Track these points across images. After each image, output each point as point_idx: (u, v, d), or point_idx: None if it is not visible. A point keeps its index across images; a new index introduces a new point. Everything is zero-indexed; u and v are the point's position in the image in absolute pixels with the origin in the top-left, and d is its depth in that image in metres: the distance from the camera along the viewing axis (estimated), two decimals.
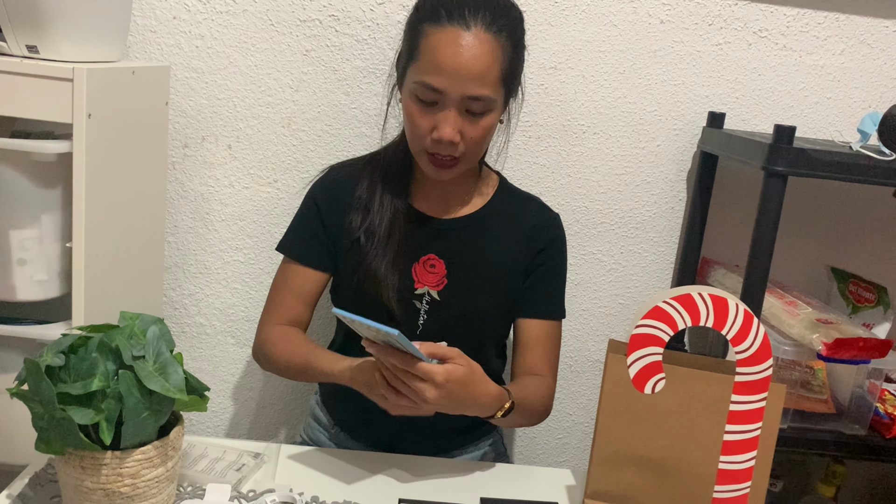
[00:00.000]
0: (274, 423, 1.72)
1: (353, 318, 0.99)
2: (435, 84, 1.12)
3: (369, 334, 1.02)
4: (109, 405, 0.89)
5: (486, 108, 1.15)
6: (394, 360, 1.02)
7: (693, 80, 1.57)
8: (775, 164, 1.25)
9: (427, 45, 1.13)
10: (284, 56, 1.52)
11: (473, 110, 1.14)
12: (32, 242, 1.21)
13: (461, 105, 1.14)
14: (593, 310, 1.68)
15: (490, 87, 1.13)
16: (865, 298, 1.55)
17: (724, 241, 1.65)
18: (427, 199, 1.30)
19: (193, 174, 1.57)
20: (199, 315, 1.65)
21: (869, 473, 1.79)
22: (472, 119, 1.15)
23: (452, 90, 1.12)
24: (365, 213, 1.27)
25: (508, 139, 1.37)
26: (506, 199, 1.34)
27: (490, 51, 1.12)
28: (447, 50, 1.11)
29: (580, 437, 1.76)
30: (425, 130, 1.16)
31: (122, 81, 1.29)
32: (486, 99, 1.13)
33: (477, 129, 1.16)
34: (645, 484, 1.03)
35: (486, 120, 1.16)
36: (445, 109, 1.14)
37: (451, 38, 1.11)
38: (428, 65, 1.13)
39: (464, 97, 1.12)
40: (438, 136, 1.14)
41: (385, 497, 1.09)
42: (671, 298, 0.99)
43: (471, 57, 1.11)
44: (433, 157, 1.18)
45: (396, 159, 1.29)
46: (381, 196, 1.27)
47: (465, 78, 1.11)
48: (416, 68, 1.15)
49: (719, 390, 1.00)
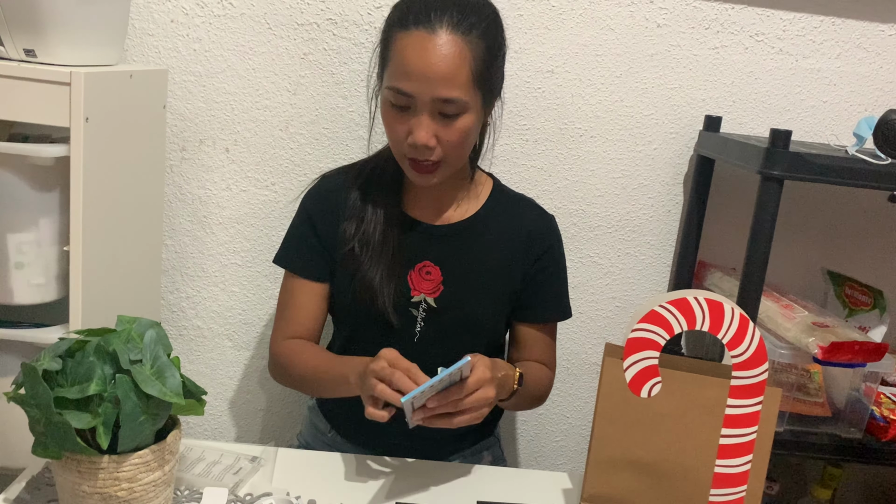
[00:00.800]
0: (271, 426, 1.72)
1: (420, 390, 1.01)
2: (404, 88, 1.12)
3: (432, 393, 1.04)
4: (106, 409, 0.89)
5: (460, 109, 1.14)
6: (451, 397, 1.04)
7: (690, 83, 1.58)
8: (771, 167, 1.26)
9: (395, 51, 1.13)
10: (282, 59, 1.53)
11: (446, 112, 1.13)
12: (30, 246, 1.21)
13: (433, 108, 1.13)
14: (590, 313, 1.68)
15: (460, 88, 1.12)
16: (861, 302, 1.55)
17: (720, 244, 1.65)
18: (420, 206, 1.29)
19: (191, 177, 1.58)
20: (197, 318, 1.65)
21: (865, 476, 1.79)
22: (447, 122, 1.14)
23: (421, 93, 1.11)
24: (358, 222, 1.26)
25: (494, 142, 1.35)
26: (500, 202, 1.33)
27: (458, 52, 1.11)
28: (414, 54, 1.11)
29: (577, 440, 1.76)
30: (402, 136, 1.16)
31: (120, 85, 1.29)
32: (457, 101, 1.12)
33: (452, 131, 1.15)
34: (641, 487, 1.03)
35: (462, 122, 1.15)
36: (418, 114, 1.13)
37: (418, 42, 1.10)
38: (397, 70, 1.13)
39: (434, 100, 1.12)
40: (413, 141, 1.14)
41: (382, 500, 1.09)
42: (667, 302, 0.99)
43: (437, 59, 1.10)
44: (413, 162, 1.18)
45: (388, 166, 1.28)
46: (374, 204, 1.26)
47: (434, 80, 1.10)
48: (388, 74, 1.15)
49: (715, 394, 1.00)
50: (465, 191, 1.32)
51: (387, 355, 1.06)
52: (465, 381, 1.04)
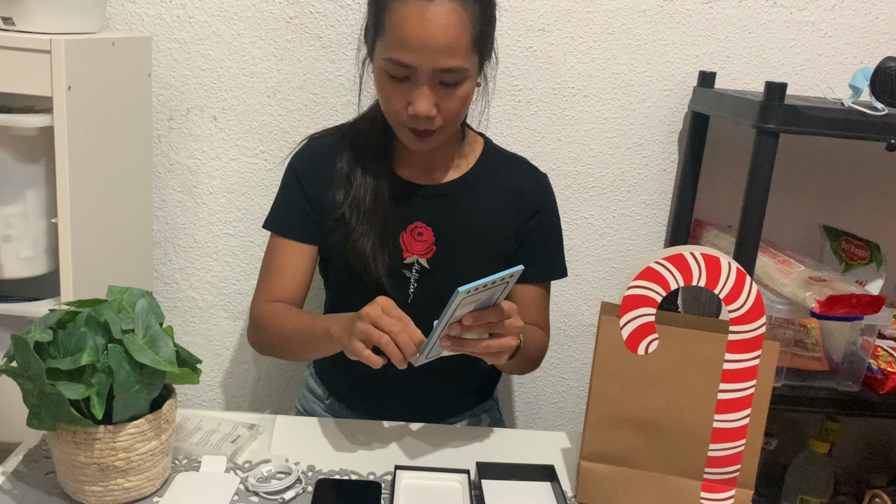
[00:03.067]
0: (269, 394, 1.73)
1: (467, 288, 0.96)
2: (404, 60, 1.09)
3: (479, 294, 0.99)
4: (100, 379, 0.88)
5: (461, 77, 1.11)
6: (488, 318, 1.01)
7: (683, 39, 1.55)
8: (767, 121, 1.24)
9: (392, 20, 1.09)
10: (268, 24, 1.50)
11: (447, 82, 1.11)
12: (17, 219, 1.20)
13: (434, 78, 1.10)
14: (586, 274, 1.68)
15: (461, 56, 1.09)
16: (858, 255, 1.55)
17: (716, 201, 1.64)
18: (410, 166, 1.27)
19: (179, 147, 1.56)
20: (191, 289, 1.64)
21: (863, 429, 1.81)
22: (447, 91, 1.12)
23: (423, 65, 1.08)
24: (348, 187, 1.24)
25: (489, 102, 1.32)
26: (492, 161, 1.31)
27: (458, 19, 1.08)
28: (413, 24, 1.07)
29: (575, 400, 1.77)
30: (400, 106, 1.13)
31: (103, 53, 1.26)
32: (459, 69, 1.10)
33: (453, 100, 1.13)
34: (640, 444, 1.03)
35: (462, 89, 1.13)
36: (418, 85, 1.10)
37: (416, 12, 1.07)
38: (395, 40, 1.09)
39: (435, 70, 1.09)
40: (414, 112, 1.11)
41: (381, 464, 1.09)
42: (663, 259, 0.98)
43: (438, 29, 1.07)
44: (412, 129, 1.16)
45: (375, 128, 1.26)
46: (363, 167, 1.24)
47: (435, 51, 1.07)
48: (383, 44, 1.11)
49: (713, 349, 1.00)
50: (456, 151, 1.30)
51: (382, 302, 1.03)
52: (499, 305, 1.02)
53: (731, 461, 1.01)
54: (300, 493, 1.02)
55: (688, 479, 1.03)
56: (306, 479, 1.04)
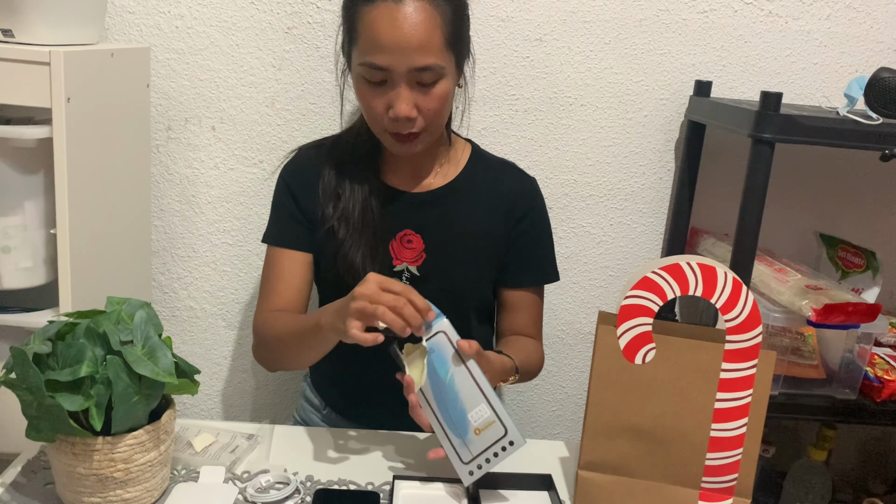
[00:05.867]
0: (267, 404, 1.72)
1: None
2: (378, 62, 1.09)
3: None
4: (99, 391, 0.89)
5: (437, 76, 1.12)
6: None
7: (679, 48, 1.56)
8: (762, 130, 1.25)
9: (364, 25, 1.10)
10: (266, 34, 1.51)
11: (424, 81, 1.11)
12: (16, 230, 1.20)
13: (410, 79, 1.11)
14: (583, 282, 1.68)
15: (435, 54, 1.10)
16: (854, 264, 1.55)
17: (712, 210, 1.65)
18: (398, 174, 1.28)
19: (178, 157, 1.56)
20: (189, 299, 1.64)
21: (860, 437, 1.81)
22: (425, 90, 1.12)
23: (397, 66, 1.09)
24: (336, 201, 1.24)
25: (469, 103, 1.31)
26: (480, 167, 1.31)
27: (428, 17, 1.08)
28: (383, 26, 1.08)
29: (573, 409, 1.77)
30: (380, 111, 1.14)
31: (101, 64, 1.27)
32: (434, 68, 1.10)
33: (432, 99, 1.13)
34: (638, 453, 1.04)
35: (440, 88, 1.13)
36: (396, 86, 1.11)
37: (386, 14, 1.08)
38: (368, 44, 1.10)
39: (410, 70, 1.09)
40: (394, 115, 1.12)
41: (379, 474, 1.09)
42: (660, 268, 0.99)
43: (409, 28, 1.07)
44: (395, 134, 1.16)
45: (361, 139, 1.27)
46: (351, 178, 1.25)
47: (408, 51, 1.08)
48: (358, 50, 1.12)
49: (710, 358, 1.00)
50: (443, 157, 1.30)
51: (374, 278, 1.00)
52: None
53: (729, 470, 1.02)
54: (299, 503, 1.02)
55: (685, 487, 1.03)
56: (305, 490, 1.04)
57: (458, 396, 1.01)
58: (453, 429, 1.01)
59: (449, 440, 1.01)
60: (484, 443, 1.00)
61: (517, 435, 0.99)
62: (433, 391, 1.02)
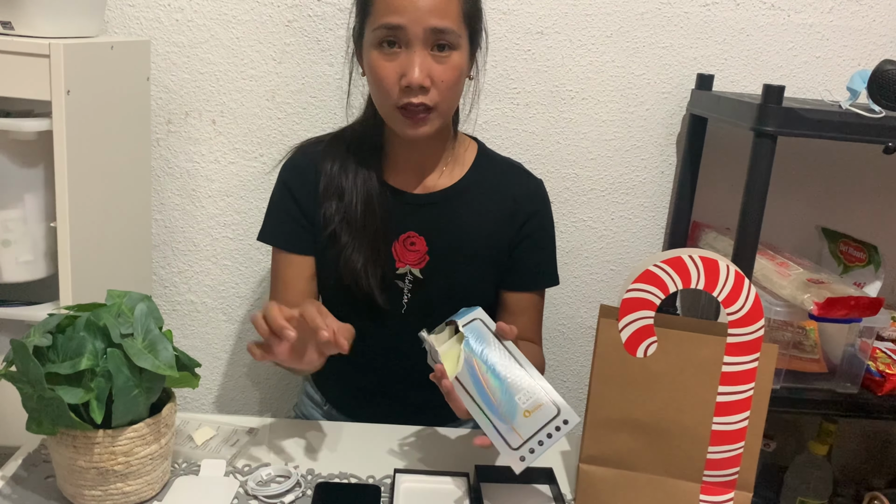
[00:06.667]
0: (267, 398, 1.72)
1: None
2: (394, 21, 1.08)
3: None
4: (99, 384, 0.88)
5: (453, 42, 1.10)
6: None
7: (681, 42, 1.56)
8: (764, 124, 1.24)
9: None
10: (266, 27, 1.50)
11: (440, 43, 1.09)
12: (16, 223, 1.20)
13: (426, 41, 1.09)
14: (585, 277, 1.68)
15: (453, 19, 1.09)
16: (856, 258, 1.55)
17: (714, 204, 1.64)
18: (401, 173, 1.25)
19: (178, 150, 1.56)
20: (190, 292, 1.64)
21: (861, 431, 1.81)
22: (440, 59, 1.10)
23: (414, 24, 1.07)
24: (339, 200, 1.22)
25: (478, 95, 1.30)
26: (486, 168, 1.28)
27: None
28: None
29: (574, 403, 1.76)
30: (393, 81, 1.11)
31: (101, 57, 1.26)
32: (449, 32, 1.09)
33: (446, 69, 1.11)
34: (639, 447, 1.03)
35: (454, 59, 1.11)
36: (411, 51, 1.09)
37: None
38: (384, 7, 1.09)
39: (426, 30, 1.08)
40: (408, 82, 1.09)
41: (381, 468, 1.09)
42: (662, 262, 0.99)
43: None
44: (405, 111, 1.12)
45: (364, 135, 1.24)
46: (354, 176, 1.22)
47: (425, 9, 1.07)
48: (372, 18, 1.11)
49: (711, 352, 1.00)
50: (447, 155, 1.27)
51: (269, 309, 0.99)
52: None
53: (731, 463, 1.02)
54: (300, 496, 1.01)
55: (687, 481, 1.03)
56: (306, 483, 1.04)
57: (503, 380, 1.00)
58: (498, 414, 0.98)
59: (494, 427, 0.98)
60: (535, 425, 0.97)
61: (570, 412, 0.97)
62: (471, 378, 1.00)
